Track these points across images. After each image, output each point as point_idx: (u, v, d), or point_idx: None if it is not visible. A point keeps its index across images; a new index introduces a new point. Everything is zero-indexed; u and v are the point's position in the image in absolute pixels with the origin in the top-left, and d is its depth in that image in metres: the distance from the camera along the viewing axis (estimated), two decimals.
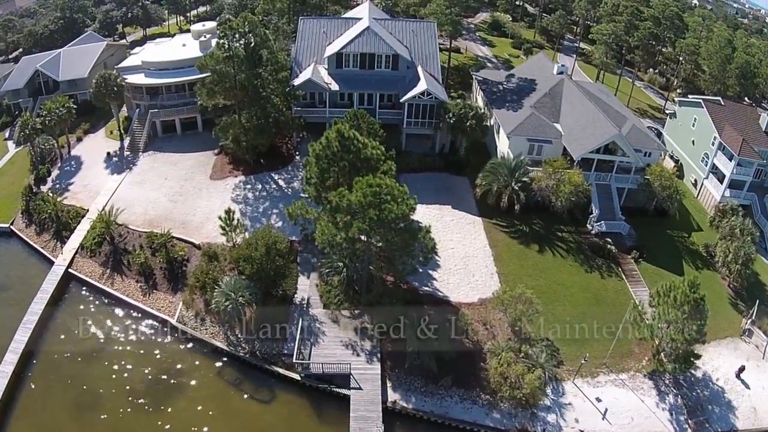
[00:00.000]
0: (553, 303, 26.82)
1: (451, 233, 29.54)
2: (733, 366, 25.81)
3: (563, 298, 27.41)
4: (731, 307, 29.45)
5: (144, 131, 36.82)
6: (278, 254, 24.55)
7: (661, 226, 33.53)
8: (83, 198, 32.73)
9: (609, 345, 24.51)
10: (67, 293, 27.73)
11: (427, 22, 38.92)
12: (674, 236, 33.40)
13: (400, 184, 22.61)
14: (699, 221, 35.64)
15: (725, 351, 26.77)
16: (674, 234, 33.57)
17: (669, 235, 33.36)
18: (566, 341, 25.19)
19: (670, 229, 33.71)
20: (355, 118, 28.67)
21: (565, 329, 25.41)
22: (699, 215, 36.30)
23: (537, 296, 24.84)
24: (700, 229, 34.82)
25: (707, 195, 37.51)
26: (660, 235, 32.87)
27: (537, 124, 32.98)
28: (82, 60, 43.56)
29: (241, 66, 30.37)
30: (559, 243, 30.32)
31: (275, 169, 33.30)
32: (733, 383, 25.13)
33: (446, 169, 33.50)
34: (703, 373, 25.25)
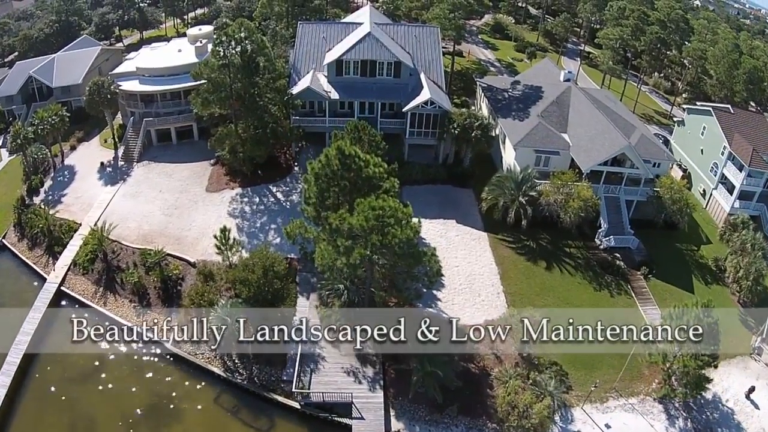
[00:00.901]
0: (561, 323, 25.20)
1: (455, 250, 27.85)
2: (743, 386, 24.43)
3: (571, 315, 25.76)
4: (741, 324, 27.89)
5: (138, 140, 34.91)
6: (276, 276, 22.88)
7: (670, 239, 31.87)
8: (76, 211, 30.97)
9: (619, 368, 23.07)
10: (60, 312, 26.15)
11: (430, 27, 36.74)
12: (683, 250, 31.75)
13: (403, 203, 20.95)
14: (708, 233, 33.94)
15: (735, 370, 25.35)
16: (683, 247, 31.92)
17: (678, 248, 31.70)
18: (575, 364, 23.77)
19: (679, 242, 32.03)
20: (356, 130, 26.81)
21: (574, 353, 23.87)
22: (708, 227, 34.59)
23: (545, 315, 23.32)
24: (709, 241, 33.13)
25: (716, 206, 35.75)
26: (669, 249, 31.22)
27: (544, 134, 31.11)
28: (76, 66, 41.45)
29: (237, 74, 28.40)
30: (567, 259, 28.64)
31: (273, 180, 31.48)
32: (742, 404, 23.78)
33: (450, 181, 31.70)
34: (713, 395, 23.85)
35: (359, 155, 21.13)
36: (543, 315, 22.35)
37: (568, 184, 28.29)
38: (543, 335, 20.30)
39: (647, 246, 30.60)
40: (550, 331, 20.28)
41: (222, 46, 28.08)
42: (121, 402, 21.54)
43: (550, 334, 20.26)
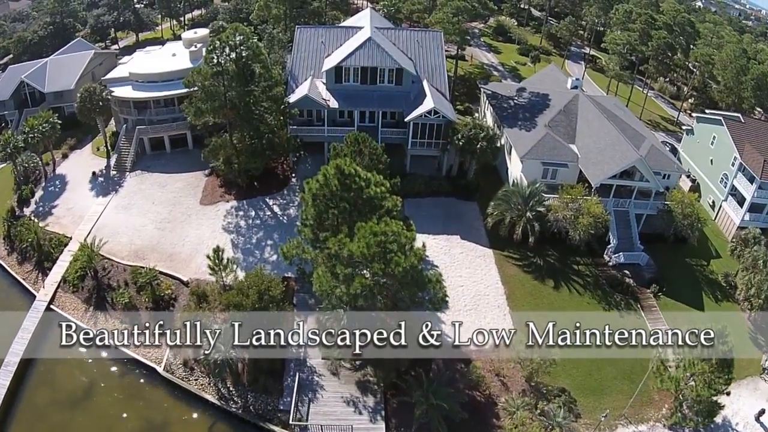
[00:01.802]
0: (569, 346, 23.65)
1: (460, 268, 26.01)
2: (753, 408, 22.87)
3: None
4: (752, 343, 26.25)
5: (131, 149, 32.87)
6: (272, 301, 21.09)
7: (680, 254, 30.08)
8: (67, 223, 29.09)
9: (628, 393, 21.51)
10: (50, 332, 24.38)
11: (432, 32, 34.46)
12: (693, 265, 30.00)
13: (405, 218, 19.15)
14: (717, 247, 32.12)
15: (745, 392, 23.76)
16: (693, 262, 30.15)
17: (687, 263, 29.91)
18: (583, 390, 22.15)
19: (688, 257, 30.25)
20: (356, 142, 24.83)
21: (582, 377, 22.37)
22: (717, 240, 32.76)
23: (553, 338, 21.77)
24: (719, 255, 31.32)
25: (725, 218, 33.89)
26: (679, 264, 29.45)
27: (552, 145, 29.14)
28: (69, 70, 39.16)
29: (231, 83, 26.37)
30: (576, 277, 26.85)
31: (270, 193, 29.51)
32: (752, 427, 22.28)
33: (454, 194, 29.70)
34: (723, 418, 22.23)
35: (359, 174, 19.24)
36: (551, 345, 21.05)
37: (577, 200, 26.43)
38: (549, 339, 18.90)
39: (657, 261, 28.85)
40: (556, 335, 18.99)
41: (215, 52, 26.00)
42: (113, 429, 19.95)
43: (556, 339, 18.98)
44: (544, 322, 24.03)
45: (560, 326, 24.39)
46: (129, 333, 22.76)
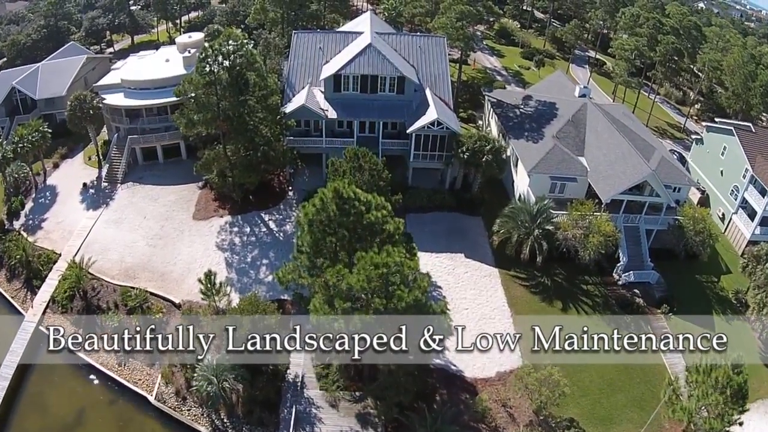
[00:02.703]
0: (578, 373, 21.88)
1: (464, 289, 24.20)
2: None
3: (590, 366, 22.34)
4: (762, 365, 24.55)
5: (123, 159, 30.84)
6: (267, 330, 19.31)
7: (690, 271, 28.28)
8: (56, 239, 27.24)
9: (639, 422, 19.97)
10: (39, 354, 22.71)
11: (436, 37, 32.10)
12: (703, 281, 28.24)
13: (408, 250, 17.34)
14: (728, 261, 30.31)
15: (755, 416, 22.03)
16: (703, 278, 28.37)
17: (698, 280, 28.11)
18: (592, 420, 20.51)
19: (698, 273, 28.48)
20: (355, 157, 22.88)
21: (591, 405, 20.75)
22: (727, 254, 30.93)
23: (561, 364, 20.16)
24: (729, 271, 29.52)
25: (736, 231, 32.03)
26: (689, 282, 27.65)
27: (560, 158, 27.17)
28: (60, 76, 36.86)
29: (224, 92, 24.33)
30: (584, 298, 25.06)
31: (266, 207, 27.54)
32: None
33: (457, 208, 27.76)
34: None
35: (359, 197, 17.33)
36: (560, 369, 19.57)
37: (587, 217, 24.57)
38: (555, 344, 17.76)
39: (667, 278, 27.04)
40: (563, 340, 17.87)
41: (207, 60, 23.94)
42: None
43: (563, 343, 17.88)
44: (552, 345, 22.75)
45: (569, 350, 23.18)
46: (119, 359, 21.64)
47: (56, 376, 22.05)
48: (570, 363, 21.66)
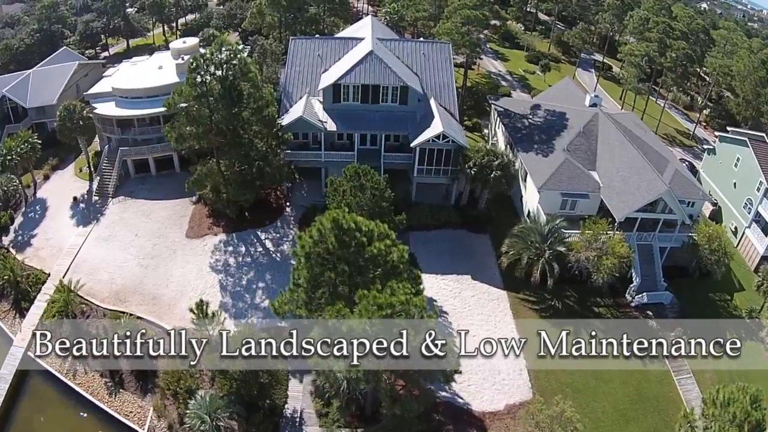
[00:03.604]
0: (590, 403, 20.19)
1: (471, 315, 22.29)
2: None
3: (602, 396, 20.69)
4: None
5: (114, 172, 28.78)
6: (262, 366, 17.51)
7: (703, 289, 26.32)
8: (45, 257, 25.35)
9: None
10: (28, 382, 21.05)
11: (440, 44, 29.80)
12: (716, 300, 26.39)
13: (414, 284, 15.43)
14: (740, 277, 28.29)
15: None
16: (716, 297, 26.50)
17: (711, 299, 26.27)
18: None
19: (712, 292, 26.61)
20: (356, 176, 20.84)
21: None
22: (740, 270, 28.89)
23: (572, 395, 18.50)
24: (742, 288, 27.59)
25: (749, 246, 29.98)
26: (702, 301, 25.71)
27: (572, 174, 25.08)
28: (52, 83, 34.58)
29: (216, 105, 22.22)
30: (596, 322, 23.21)
31: (262, 224, 25.51)
32: None
33: (463, 225, 25.72)
34: None
35: (360, 228, 15.38)
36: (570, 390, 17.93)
37: (600, 238, 22.58)
38: (562, 350, 16.36)
39: (680, 297, 25.12)
40: (570, 344, 16.45)
41: (198, 71, 21.81)
42: None
43: (570, 348, 16.52)
44: (563, 376, 20.98)
45: (580, 380, 21.42)
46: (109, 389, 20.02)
47: (46, 403, 20.46)
48: (577, 368, 20.17)
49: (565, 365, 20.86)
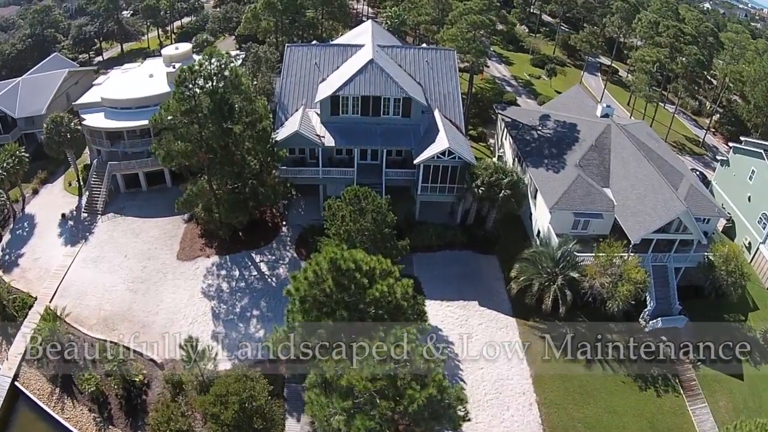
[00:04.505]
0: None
1: (479, 344, 20.42)
2: None
3: (615, 431, 19.06)
4: None
5: (103, 187, 26.59)
6: (256, 412, 15.61)
7: (717, 310, 24.35)
8: (32, 278, 23.37)
9: None
10: (16, 413, 19.34)
11: (444, 51, 27.23)
12: (730, 321, 24.47)
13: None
14: (755, 296, 26.16)
15: None
16: (731, 318, 24.56)
17: (725, 320, 24.32)
18: None
19: (726, 312, 24.64)
20: (356, 199, 18.69)
21: None
22: (754, 288, 26.67)
23: (585, 431, 16.64)
24: (756, 307, 25.57)
25: (763, 263, 27.75)
26: (716, 324, 23.94)
27: (585, 192, 22.89)
28: (41, 92, 32.24)
29: (206, 121, 19.98)
30: (609, 350, 21.21)
31: (256, 246, 23.39)
32: None
33: (470, 246, 23.60)
34: None
35: (361, 267, 13.33)
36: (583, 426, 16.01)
37: (615, 262, 20.51)
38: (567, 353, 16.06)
39: (694, 319, 23.12)
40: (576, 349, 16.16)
41: (186, 84, 19.53)
42: None
43: (575, 353, 16.26)
44: (575, 411, 19.16)
45: (593, 415, 19.55)
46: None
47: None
48: (590, 402, 18.54)
49: (577, 405, 19.31)
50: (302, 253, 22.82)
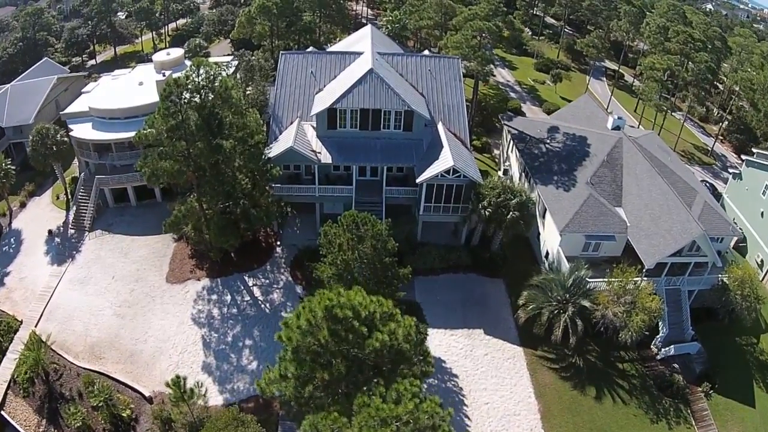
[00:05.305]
0: None
1: (485, 377, 18.59)
2: None
3: None
4: None
5: (91, 202, 24.60)
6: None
7: (730, 334, 22.71)
8: (18, 299, 21.57)
9: None
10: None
11: (448, 59, 24.94)
12: (743, 345, 22.80)
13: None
14: (767, 317, 24.80)
15: None
16: (743, 341, 22.90)
17: (737, 344, 22.59)
18: None
19: (738, 335, 23.00)
20: (354, 226, 16.75)
21: None
22: (767, 308, 25.33)
23: None
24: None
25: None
26: (729, 346, 22.11)
27: (597, 212, 20.95)
28: (29, 100, 29.89)
29: (193, 138, 17.95)
30: (620, 380, 19.53)
31: (249, 268, 21.51)
32: None
33: (474, 268, 21.70)
34: None
35: (359, 313, 11.50)
36: None
37: (629, 289, 18.70)
38: None
39: (706, 344, 21.44)
40: None
41: (172, 99, 17.45)
42: None
43: None
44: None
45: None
46: None
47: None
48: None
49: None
50: (297, 276, 21.01)
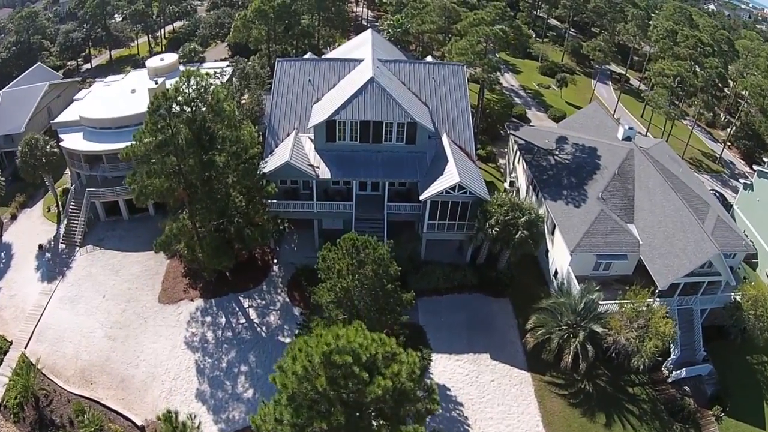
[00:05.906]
0: None
1: (491, 404, 17.30)
2: None
3: None
4: None
5: (81, 215, 23.17)
6: None
7: (741, 353, 21.47)
8: (8, 318, 20.35)
9: None
10: None
11: (453, 66, 23.28)
12: (754, 364, 21.51)
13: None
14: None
15: None
16: (754, 360, 21.66)
17: (749, 363, 21.35)
18: None
19: (749, 354, 21.78)
20: (354, 250, 15.35)
21: None
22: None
23: None
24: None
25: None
26: (740, 367, 20.86)
27: (608, 230, 19.51)
28: (20, 108, 28.33)
29: (184, 154, 16.49)
30: (630, 405, 18.27)
31: (245, 288, 20.12)
32: None
33: (480, 288, 20.27)
34: None
35: (360, 357, 10.19)
36: None
37: (641, 311, 17.37)
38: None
39: (717, 363, 20.21)
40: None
41: (160, 113, 15.92)
42: None
43: None
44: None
45: None
46: None
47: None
48: None
49: None
50: (295, 297, 19.65)
